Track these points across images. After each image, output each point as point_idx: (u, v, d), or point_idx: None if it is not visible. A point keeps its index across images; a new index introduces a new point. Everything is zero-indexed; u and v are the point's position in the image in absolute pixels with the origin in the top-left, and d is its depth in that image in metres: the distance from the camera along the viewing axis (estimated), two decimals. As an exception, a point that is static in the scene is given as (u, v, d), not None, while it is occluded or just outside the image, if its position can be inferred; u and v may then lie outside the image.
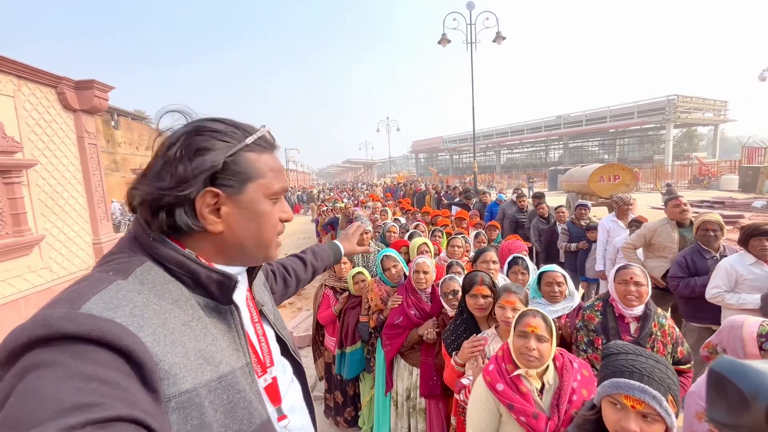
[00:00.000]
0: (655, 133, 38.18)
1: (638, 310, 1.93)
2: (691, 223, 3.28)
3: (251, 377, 0.66)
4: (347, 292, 2.92)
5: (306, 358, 4.46)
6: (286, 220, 0.74)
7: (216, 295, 0.64)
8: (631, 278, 1.92)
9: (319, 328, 3.20)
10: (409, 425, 2.42)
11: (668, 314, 2.02)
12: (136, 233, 0.63)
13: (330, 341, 3.06)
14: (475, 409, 1.48)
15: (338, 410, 3.03)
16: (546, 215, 5.30)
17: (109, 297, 0.52)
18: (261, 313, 0.80)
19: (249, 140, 0.66)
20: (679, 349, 1.89)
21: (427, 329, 2.24)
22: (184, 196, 0.61)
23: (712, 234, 2.84)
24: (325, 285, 3.11)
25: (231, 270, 0.68)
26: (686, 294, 2.83)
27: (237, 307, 0.68)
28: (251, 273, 0.79)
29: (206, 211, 0.63)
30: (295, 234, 13.98)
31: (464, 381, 1.71)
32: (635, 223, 4.04)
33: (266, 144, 0.70)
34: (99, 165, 6.64)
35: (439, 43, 12.99)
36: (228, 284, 0.64)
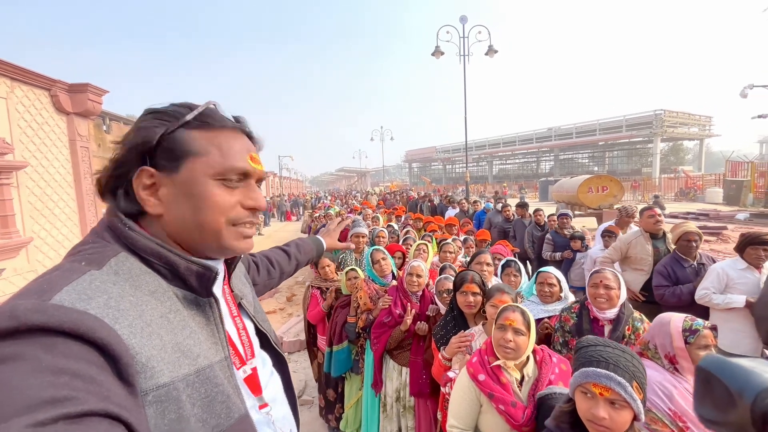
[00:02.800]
0: (643, 146, 39.02)
1: (611, 313, 1.95)
2: (664, 234, 3.37)
3: (230, 371, 0.64)
4: (334, 288, 3.01)
5: (296, 362, 4.46)
6: (252, 208, 0.68)
7: (195, 287, 0.63)
8: (601, 281, 1.96)
9: (310, 328, 3.26)
10: (399, 426, 2.44)
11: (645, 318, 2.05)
12: (110, 222, 0.61)
13: (321, 341, 3.11)
14: (457, 398, 1.53)
15: (330, 408, 3.05)
16: (542, 223, 5.37)
17: (82, 288, 0.50)
18: (240, 306, 0.79)
19: (189, 116, 0.63)
20: None
21: (407, 325, 2.29)
22: (122, 175, 0.61)
23: (693, 244, 2.92)
24: (312, 286, 3.21)
25: (210, 261, 0.67)
26: (673, 302, 2.86)
27: (216, 300, 0.66)
28: (229, 265, 0.77)
29: (142, 192, 0.61)
30: (288, 240, 13.96)
31: (450, 374, 1.76)
32: (608, 234, 3.94)
33: (215, 121, 0.65)
34: (90, 168, 6.62)
35: (433, 55, 13.25)
36: (208, 276, 0.63)
